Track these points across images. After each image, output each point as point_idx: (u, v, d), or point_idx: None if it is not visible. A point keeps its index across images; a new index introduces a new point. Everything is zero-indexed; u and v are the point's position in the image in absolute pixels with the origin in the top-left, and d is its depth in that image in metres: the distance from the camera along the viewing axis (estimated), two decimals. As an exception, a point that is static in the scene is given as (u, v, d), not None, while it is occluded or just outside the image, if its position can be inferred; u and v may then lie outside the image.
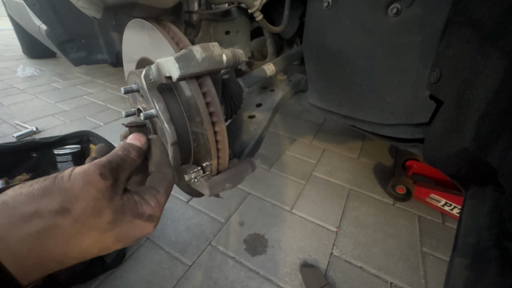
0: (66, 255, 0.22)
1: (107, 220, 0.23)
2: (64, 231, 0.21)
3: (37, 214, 0.21)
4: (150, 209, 0.27)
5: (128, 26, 0.47)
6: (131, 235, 0.26)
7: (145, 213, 0.26)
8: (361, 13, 0.49)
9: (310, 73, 0.67)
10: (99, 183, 0.23)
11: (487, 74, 0.34)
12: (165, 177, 0.30)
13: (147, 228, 0.27)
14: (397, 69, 0.49)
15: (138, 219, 0.26)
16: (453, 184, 0.73)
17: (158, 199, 0.28)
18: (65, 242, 0.22)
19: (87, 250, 0.23)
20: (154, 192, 0.28)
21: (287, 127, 1.72)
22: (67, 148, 0.93)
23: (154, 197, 0.28)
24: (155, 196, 0.28)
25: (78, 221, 0.22)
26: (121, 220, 0.24)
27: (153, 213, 0.27)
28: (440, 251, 0.91)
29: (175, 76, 0.34)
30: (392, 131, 0.56)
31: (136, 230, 0.26)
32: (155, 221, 0.28)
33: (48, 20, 0.88)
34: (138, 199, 0.27)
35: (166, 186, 0.30)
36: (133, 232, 0.26)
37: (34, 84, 2.16)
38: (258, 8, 0.62)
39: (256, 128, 0.61)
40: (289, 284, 0.77)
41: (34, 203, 0.21)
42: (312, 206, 1.07)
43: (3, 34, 4.09)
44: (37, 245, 0.20)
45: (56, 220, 0.21)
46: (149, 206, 0.27)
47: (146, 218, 0.26)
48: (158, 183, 0.29)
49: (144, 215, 0.26)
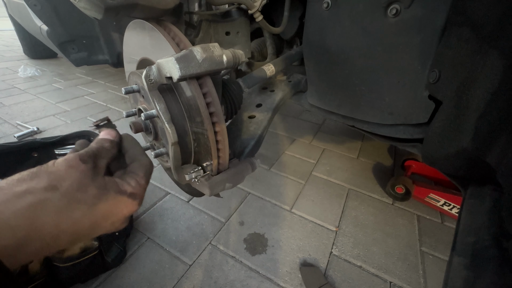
0: (58, 227, 0.24)
1: (92, 194, 0.26)
2: (54, 204, 0.24)
3: (28, 191, 0.23)
4: (131, 188, 0.30)
5: (129, 26, 0.47)
6: (117, 211, 0.29)
7: (126, 190, 0.29)
8: (361, 13, 0.49)
9: (309, 74, 0.68)
10: (80, 166, 0.26)
11: (486, 74, 0.35)
12: (141, 164, 0.33)
13: (131, 205, 0.30)
14: (396, 70, 0.49)
15: (121, 195, 0.28)
16: (452, 184, 0.74)
17: (138, 180, 0.31)
18: (56, 214, 0.24)
19: (78, 223, 0.25)
20: (133, 175, 0.31)
21: (287, 127, 1.72)
22: (68, 148, 0.93)
23: (134, 179, 0.31)
24: (135, 178, 0.31)
25: (66, 195, 0.25)
26: (105, 195, 0.27)
27: (134, 191, 0.30)
28: (439, 251, 0.91)
29: (176, 76, 0.34)
30: (391, 131, 0.57)
31: (121, 206, 0.29)
32: (137, 198, 0.30)
33: (49, 20, 0.89)
34: (119, 181, 0.29)
35: (144, 170, 0.32)
36: (119, 208, 0.29)
37: (35, 84, 2.16)
38: (258, 9, 0.62)
39: (256, 128, 0.61)
40: (289, 283, 0.78)
41: (25, 184, 0.24)
42: (311, 205, 1.07)
43: (4, 35, 4.10)
44: (30, 216, 0.23)
45: (46, 195, 0.24)
46: (130, 186, 0.30)
47: (129, 195, 0.29)
48: (137, 169, 0.32)
49: (126, 192, 0.29)
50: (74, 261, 0.69)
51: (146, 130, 0.44)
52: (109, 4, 0.33)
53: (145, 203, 1.03)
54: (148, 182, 0.33)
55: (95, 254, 0.72)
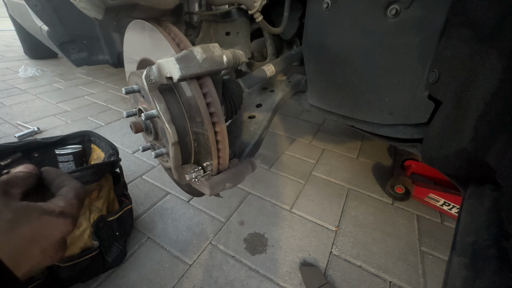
0: None
1: (6, 219, 0.23)
2: None
3: None
4: (60, 207, 0.27)
5: (129, 27, 0.47)
6: (46, 233, 0.25)
7: (54, 210, 0.26)
8: (360, 14, 0.49)
9: (309, 74, 0.68)
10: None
11: (486, 74, 0.35)
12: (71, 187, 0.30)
13: (63, 225, 0.26)
14: (396, 70, 0.49)
15: (47, 215, 0.25)
16: (451, 183, 0.74)
17: (68, 200, 0.28)
18: None
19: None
20: (62, 197, 0.28)
21: (287, 127, 1.72)
22: (68, 148, 0.93)
23: (62, 200, 0.28)
24: (64, 199, 0.28)
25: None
26: (25, 217, 0.24)
27: (64, 210, 0.27)
28: (439, 250, 0.91)
29: (176, 76, 0.34)
30: (391, 131, 0.57)
31: (51, 227, 0.26)
32: (70, 217, 0.27)
33: (49, 21, 0.89)
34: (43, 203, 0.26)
35: (74, 191, 0.30)
36: (47, 229, 0.25)
37: (36, 84, 2.17)
38: (258, 9, 0.62)
39: (256, 128, 0.61)
40: (289, 283, 0.78)
41: None
42: (311, 205, 1.07)
43: (4, 35, 4.10)
44: None
45: None
46: (58, 205, 0.27)
47: (58, 214, 0.26)
48: (66, 191, 0.30)
49: (54, 212, 0.26)
50: (75, 260, 0.69)
51: (147, 130, 0.44)
52: (109, 4, 0.33)
53: (145, 203, 1.03)
54: (81, 203, 0.30)
55: (96, 253, 0.72)
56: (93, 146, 0.98)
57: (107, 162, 0.77)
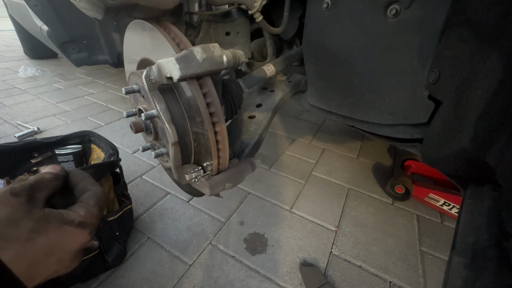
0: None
1: (27, 228, 0.23)
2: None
3: None
4: (80, 216, 0.27)
5: (129, 27, 0.47)
6: (63, 244, 0.25)
7: (74, 220, 0.26)
8: (360, 14, 0.49)
9: (309, 74, 0.68)
10: (10, 200, 0.24)
11: (486, 74, 0.35)
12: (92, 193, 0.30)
13: (80, 235, 0.26)
14: (396, 70, 0.49)
15: (66, 225, 0.25)
16: (451, 183, 0.74)
17: (88, 209, 0.28)
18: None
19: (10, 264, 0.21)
20: (83, 204, 0.28)
21: (287, 127, 1.72)
22: (68, 148, 0.94)
23: (83, 208, 0.28)
24: (85, 207, 0.28)
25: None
26: (45, 227, 0.24)
27: (84, 220, 0.27)
28: (439, 250, 0.91)
29: (176, 76, 0.34)
30: (391, 131, 0.57)
31: (68, 237, 0.25)
32: (88, 228, 0.27)
33: (49, 21, 0.89)
34: (64, 211, 0.26)
35: (96, 199, 0.30)
36: (65, 240, 0.25)
37: (36, 84, 2.17)
38: (258, 9, 0.62)
39: (256, 128, 0.61)
40: (289, 283, 0.78)
41: None
42: (311, 205, 1.07)
43: (4, 35, 4.10)
44: None
45: None
46: (78, 215, 0.27)
47: (77, 224, 0.26)
48: (87, 198, 0.30)
49: (73, 222, 0.26)
50: (75, 260, 0.69)
51: (147, 130, 0.44)
52: (109, 4, 0.33)
53: (145, 203, 1.03)
54: (101, 211, 0.30)
55: (96, 253, 0.72)
56: (93, 146, 0.98)
57: (107, 162, 0.77)
